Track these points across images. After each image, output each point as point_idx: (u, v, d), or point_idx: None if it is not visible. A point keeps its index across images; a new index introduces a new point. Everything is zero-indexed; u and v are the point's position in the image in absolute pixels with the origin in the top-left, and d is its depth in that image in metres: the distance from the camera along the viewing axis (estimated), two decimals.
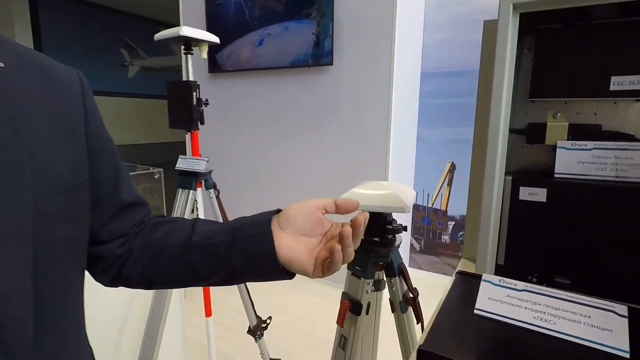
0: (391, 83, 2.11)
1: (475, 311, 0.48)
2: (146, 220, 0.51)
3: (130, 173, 1.53)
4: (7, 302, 0.31)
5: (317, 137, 2.44)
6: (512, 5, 0.55)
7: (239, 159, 2.81)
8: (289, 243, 0.42)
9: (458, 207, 2.56)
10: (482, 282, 0.50)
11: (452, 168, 2.55)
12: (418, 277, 2.70)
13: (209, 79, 2.81)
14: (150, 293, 1.38)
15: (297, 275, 0.45)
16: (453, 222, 2.59)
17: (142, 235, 0.49)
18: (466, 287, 0.57)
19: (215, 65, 2.73)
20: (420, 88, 2.58)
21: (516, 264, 0.63)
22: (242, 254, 0.43)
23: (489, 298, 0.48)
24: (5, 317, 0.31)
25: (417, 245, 2.75)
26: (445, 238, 2.62)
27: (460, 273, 0.59)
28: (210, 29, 2.69)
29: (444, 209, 2.61)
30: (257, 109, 2.67)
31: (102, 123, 0.47)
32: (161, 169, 1.61)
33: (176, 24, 7.73)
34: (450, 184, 2.57)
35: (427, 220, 2.67)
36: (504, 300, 0.47)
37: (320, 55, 2.27)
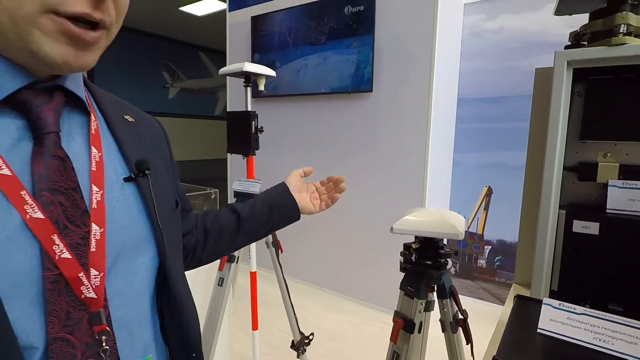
0: (429, 109, 2.20)
1: (539, 330, 0.54)
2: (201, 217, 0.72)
3: (190, 193, 1.71)
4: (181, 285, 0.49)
5: (357, 161, 2.54)
6: (566, 62, 0.64)
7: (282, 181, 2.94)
8: (299, 199, 0.75)
9: (495, 231, 2.57)
10: (543, 305, 0.56)
11: (489, 192, 2.57)
12: None
13: (252, 103, 2.99)
14: (203, 310, 1.49)
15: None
16: (490, 247, 2.59)
17: (200, 228, 0.68)
18: (525, 309, 0.63)
19: (258, 90, 2.90)
20: (457, 113, 2.64)
21: (570, 291, 0.69)
22: (279, 215, 0.72)
23: (551, 319, 0.54)
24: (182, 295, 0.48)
25: (452, 270, 2.75)
26: (482, 262, 2.62)
27: (518, 297, 0.66)
28: (253, 56, 2.89)
29: (480, 233, 2.62)
30: (298, 134, 2.81)
31: (174, 161, 0.63)
32: (217, 190, 1.75)
33: (215, 48, 8.09)
34: (487, 208, 2.59)
35: (464, 244, 2.68)
36: (564, 321, 0.54)
37: (359, 82, 2.39)
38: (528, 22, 2.32)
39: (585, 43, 0.69)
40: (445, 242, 1.03)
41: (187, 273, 0.59)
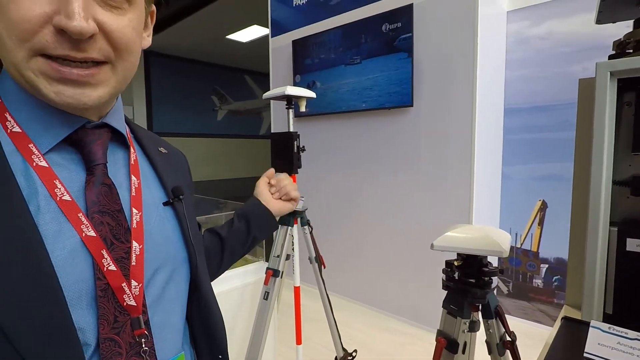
0: (473, 121, 2.14)
1: (585, 354, 0.51)
2: None
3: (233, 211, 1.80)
4: (210, 297, 0.54)
5: (399, 176, 2.52)
6: (609, 73, 0.61)
7: (324, 198, 2.98)
8: (271, 207, 0.79)
9: (552, 248, 2.40)
10: (590, 328, 0.53)
11: (543, 207, 2.43)
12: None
13: (294, 123, 3.09)
14: (250, 322, 1.54)
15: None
16: (546, 265, 2.42)
17: None
18: (572, 332, 0.60)
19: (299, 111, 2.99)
20: (505, 124, 2.54)
21: (626, 314, 0.64)
22: (258, 226, 0.76)
23: (599, 344, 0.51)
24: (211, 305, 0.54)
25: (504, 289, 2.60)
26: (538, 282, 2.45)
27: (565, 319, 0.62)
28: (295, 78, 3.00)
29: (535, 250, 2.46)
30: (339, 150, 2.85)
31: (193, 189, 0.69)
32: None
33: (259, 70, 8.45)
34: (541, 223, 2.43)
35: (516, 261, 2.53)
36: (614, 347, 0.50)
37: (399, 97, 2.39)
38: (579, 24, 2.20)
39: (631, 51, 0.66)
40: (490, 259, 0.99)
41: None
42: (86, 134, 0.43)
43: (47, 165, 0.40)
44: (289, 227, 1.55)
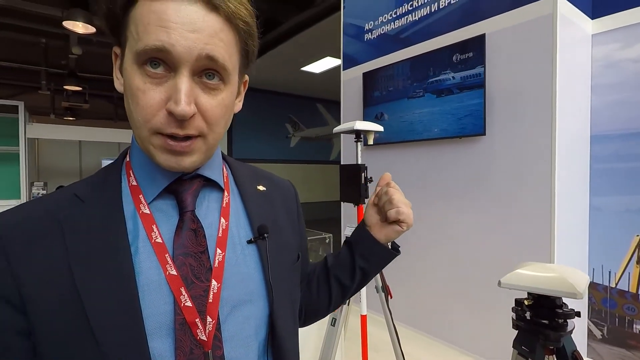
0: (553, 151, 2.02)
1: None
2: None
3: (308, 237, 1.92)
4: (289, 338, 0.55)
5: (470, 208, 2.45)
6: None
7: None
8: (377, 232, 0.66)
9: None
10: None
11: None
12: None
13: (362, 154, 3.18)
14: (316, 352, 1.61)
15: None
16: None
17: (304, 282, 0.70)
18: None
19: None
20: (595, 153, 2.35)
21: None
22: (360, 255, 0.67)
23: None
24: (287, 347, 0.54)
25: (597, 333, 2.33)
26: (639, 327, 2.16)
27: None
28: (365, 110, 3.11)
29: (635, 292, 2.19)
30: (408, 179, 2.86)
31: (302, 214, 0.70)
32: (331, 235, 1.92)
33: (330, 98, 8.77)
34: None
35: (611, 303, 2.26)
36: None
37: (471, 126, 2.36)
38: None
39: None
40: (566, 300, 0.95)
41: None
42: (181, 184, 0.50)
43: (149, 213, 0.48)
44: None
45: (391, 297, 1.65)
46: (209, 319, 0.46)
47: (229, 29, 0.45)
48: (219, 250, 0.50)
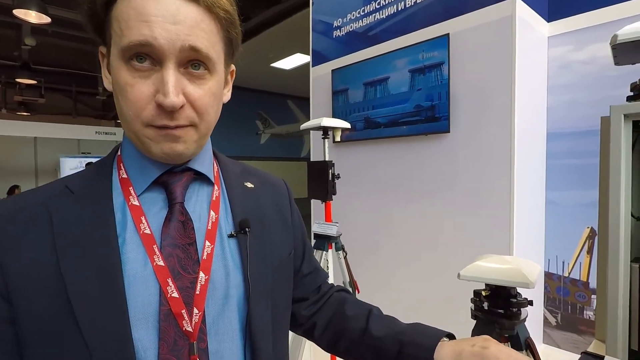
0: (512, 147, 2.12)
1: None
2: (327, 289, 0.70)
3: None
4: (263, 336, 0.52)
5: (435, 204, 2.52)
6: (623, 116, 0.64)
7: (359, 223, 3.02)
8: None
9: None
10: None
11: (592, 234, 2.31)
12: (554, 355, 2.40)
13: (330, 150, 3.20)
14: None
15: None
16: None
17: (327, 308, 0.66)
18: None
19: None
20: (550, 149, 2.48)
21: None
22: None
23: None
24: (261, 345, 0.52)
25: (552, 320, 2.47)
26: (589, 314, 2.31)
27: (585, 353, 0.64)
28: (334, 106, 3.12)
29: (585, 280, 2.33)
30: (375, 176, 2.90)
31: (299, 214, 0.69)
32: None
33: (301, 95, 8.72)
34: (590, 251, 2.31)
35: (564, 291, 2.40)
36: None
37: (436, 123, 2.42)
38: None
39: None
40: (520, 290, 1.00)
41: None
42: (171, 176, 0.51)
43: (138, 204, 0.48)
44: (324, 252, 1.62)
45: (358, 292, 1.67)
46: (195, 310, 0.46)
47: (210, 18, 0.45)
48: (207, 243, 0.50)
